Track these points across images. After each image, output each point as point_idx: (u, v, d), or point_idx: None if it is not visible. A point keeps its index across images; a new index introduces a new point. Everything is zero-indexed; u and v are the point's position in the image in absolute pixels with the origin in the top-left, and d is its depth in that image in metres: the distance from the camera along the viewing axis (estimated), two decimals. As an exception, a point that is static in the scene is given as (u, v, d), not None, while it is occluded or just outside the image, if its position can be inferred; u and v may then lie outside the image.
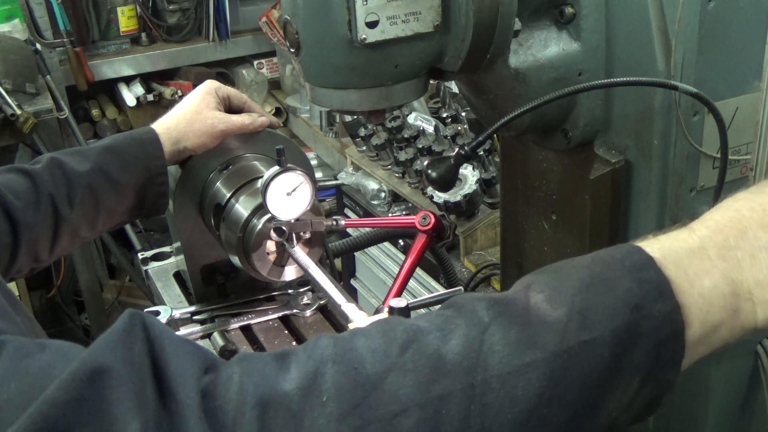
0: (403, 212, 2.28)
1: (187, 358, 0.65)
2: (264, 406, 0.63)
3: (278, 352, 0.69)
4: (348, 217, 2.37)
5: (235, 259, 1.41)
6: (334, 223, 1.39)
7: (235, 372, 0.66)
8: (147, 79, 3.56)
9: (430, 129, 2.22)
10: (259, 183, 1.31)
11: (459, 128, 2.22)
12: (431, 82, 1.09)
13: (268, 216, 1.35)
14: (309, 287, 1.56)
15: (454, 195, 1.89)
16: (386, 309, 1.14)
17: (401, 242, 2.17)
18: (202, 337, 1.45)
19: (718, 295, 0.70)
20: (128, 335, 0.64)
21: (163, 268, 1.77)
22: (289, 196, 1.31)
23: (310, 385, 0.65)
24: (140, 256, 1.85)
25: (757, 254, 0.71)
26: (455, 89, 2.38)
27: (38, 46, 3.15)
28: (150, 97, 3.47)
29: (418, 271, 2.04)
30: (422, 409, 0.64)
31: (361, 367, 0.66)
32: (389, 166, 2.33)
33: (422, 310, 1.11)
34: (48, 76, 3.07)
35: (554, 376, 0.66)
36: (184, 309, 1.53)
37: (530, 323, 0.68)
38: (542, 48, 1.07)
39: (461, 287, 1.38)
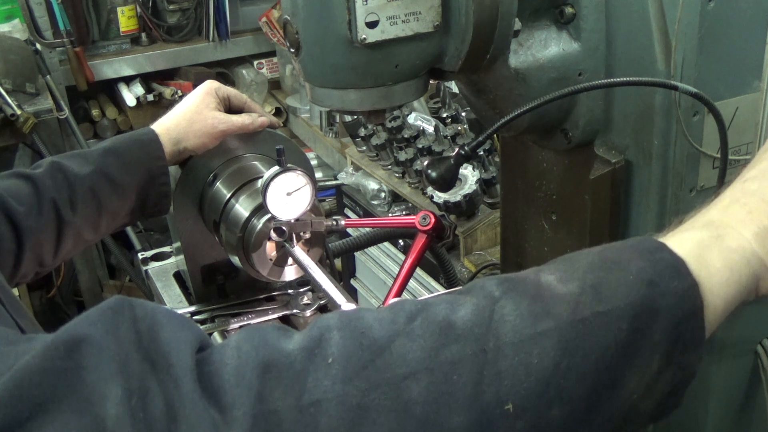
0: (403, 212, 2.28)
1: (181, 328, 0.63)
2: (265, 366, 0.62)
3: (280, 325, 0.68)
4: (348, 217, 2.37)
5: (235, 259, 1.41)
6: (334, 223, 1.39)
7: (232, 339, 0.64)
8: (147, 79, 3.56)
9: (430, 129, 2.22)
10: (259, 183, 1.31)
11: (459, 128, 2.22)
12: (431, 82, 1.09)
13: (268, 216, 1.35)
14: (309, 287, 1.56)
15: (454, 195, 1.89)
16: (386, 309, 1.14)
17: (401, 242, 2.17)
18: (202, 337, 1.44)
19: (694, 228, 0.73)
20: (113, 312, 0.62)
21: (163, 268, 1.77)
22: (289, 196, 1.31)
23: (314, 347, 0.63)
24: (140, 256, 1.85)
25: (721, 200, 0.76)
26: (455, 89, 2.38)
27: (38, 46, 3.15)
28: (150, 97, 3.47)
29: (418, 271, 2.04)
30: (432, 373, 0.63)
31: (368, 332, 0.65)
32: (389, 166, 2.33)
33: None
34: (48, 76, 3.07)
35: (570, 346, 0.65)
36: (184, 309, 1.54)
37: (542, 296, 0.68)
38: (542, 48, 1.07)
39: (461, 287, 1.38)
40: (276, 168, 1.30)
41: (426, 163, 1.11)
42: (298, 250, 1.36)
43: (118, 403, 0.56)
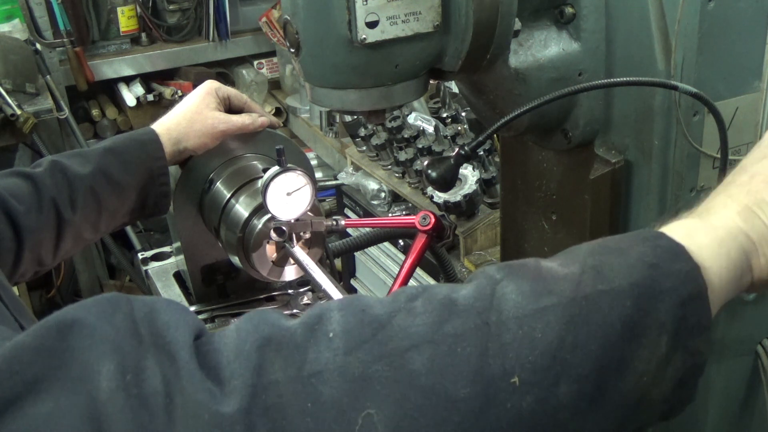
0: (403, 212, 2.28)
1: (179, 313, 0.63)
2: (265, 340, 0.61)
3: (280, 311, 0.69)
4: (348, 217, 2.37)
5: (235, 259, 1.41)
6: (334, 223, 1.39)
7: (232, 324, 0.65)
8: (147, 79, 3.56)
9: (430, 129, 2.22)
10: (259, 183, 1.31)
11: (459, 128, 2.22)
12: (431, 82, 1.09)
13: (268, 216, 1.35)
14: (309, 287, 1.56)
15: (454, 195, 1.89)
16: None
17: (401, 242, 2.17)
18: (202, 337, 1.45)
19: (681, 219, 0.75)
20: (109, 302, 0.61)
21: (163, 268, 1.77)
22: (289, 196, 1.31)
23: (315, 324, 0.63)
24: (140, 256, 1.85)
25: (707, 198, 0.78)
26: (455, 89, 2.38)
27: (38, 46, 3.15)
28: (150, 97, 3.47)
29: (418, 271, 2.04)
30: (435, 345, 0.62)
31: (369, 310, 0.65)
32: (389, 166, 2.33)
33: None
34: (48, 76, 3.07)
35: (574, 321, 0.64)
36: (184, 309, 1.53)
37: (543, 277, 0.68)
38: (542, 48, 1.07)
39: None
40: (276, 168, 1.30)
41: (426, 163, 1.11)
42: (298, 250, 1.36)
43: (110, 379, 0.56)
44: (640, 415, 0.69)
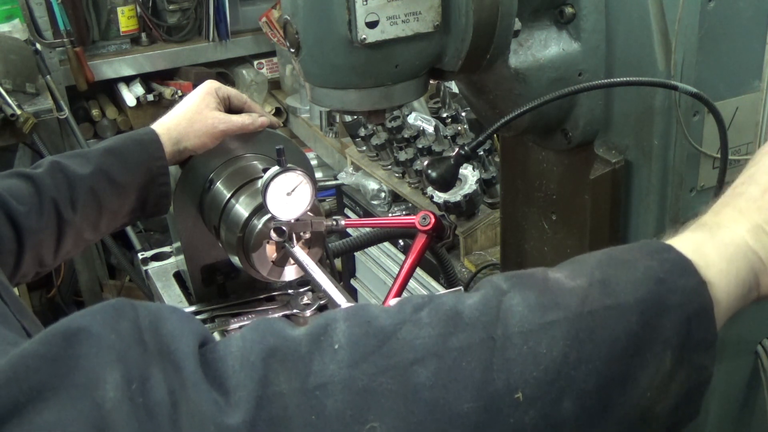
0: (403, 212, 2.28)
1: (184, 321, 0.63)
2: (270, 350, 0.61)
3: (286, 319, 0.68)
4: (348, 217, 2.37)
5: (235, 259, 1.41)
6: (334, 223, 1.39)
7: (238, 332, 0.65)
8: (147, 79, 3.56)
9: (430, 129, 2.22)
10: (259, 183, 1.31)
11: (459, 128, 2.21)
12: (431, 82, 1.09)
13: (268, 216, 1.35)
14: (309, 287, 1.56)
15: (454, 195, 1.89)
16: (386, 309, 1.13)
17: (401, 242, 2.17)
18: (202, 337, 1.44)
19: (688, 231, 0.74)
20: (114, 309, 0.61)
21: (163, 268, 1.77)
22: (289, 196, 1.31)
23: (320, 334, 0.63)
24: (140, 256, 1.85)
25: (713, 207, 0.78)
26: (455, 89, 2.38)
27: (38, 46, 3.15)
28: (150, 97, 3.47)
29: (418, 271, 2.04)
30: (440, 359, 0.62)
31: (375, 321, 0.65)
32: (389, 166, 2.33)
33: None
34: (48, 76, 3.07)
35: (579, 337, 0.64)
36: (184, 309, 1.53)
37: (550, 290, 0.68)
38: (542, 48, 1.07)
39: (461, 287, 1.38)
40: (276, 168, 1.30)
41: (426, 163, 1.11)
42: (298, 250, 1.36)
43: (116, 388, 0.56)
44: (644, 430, 0.69)
